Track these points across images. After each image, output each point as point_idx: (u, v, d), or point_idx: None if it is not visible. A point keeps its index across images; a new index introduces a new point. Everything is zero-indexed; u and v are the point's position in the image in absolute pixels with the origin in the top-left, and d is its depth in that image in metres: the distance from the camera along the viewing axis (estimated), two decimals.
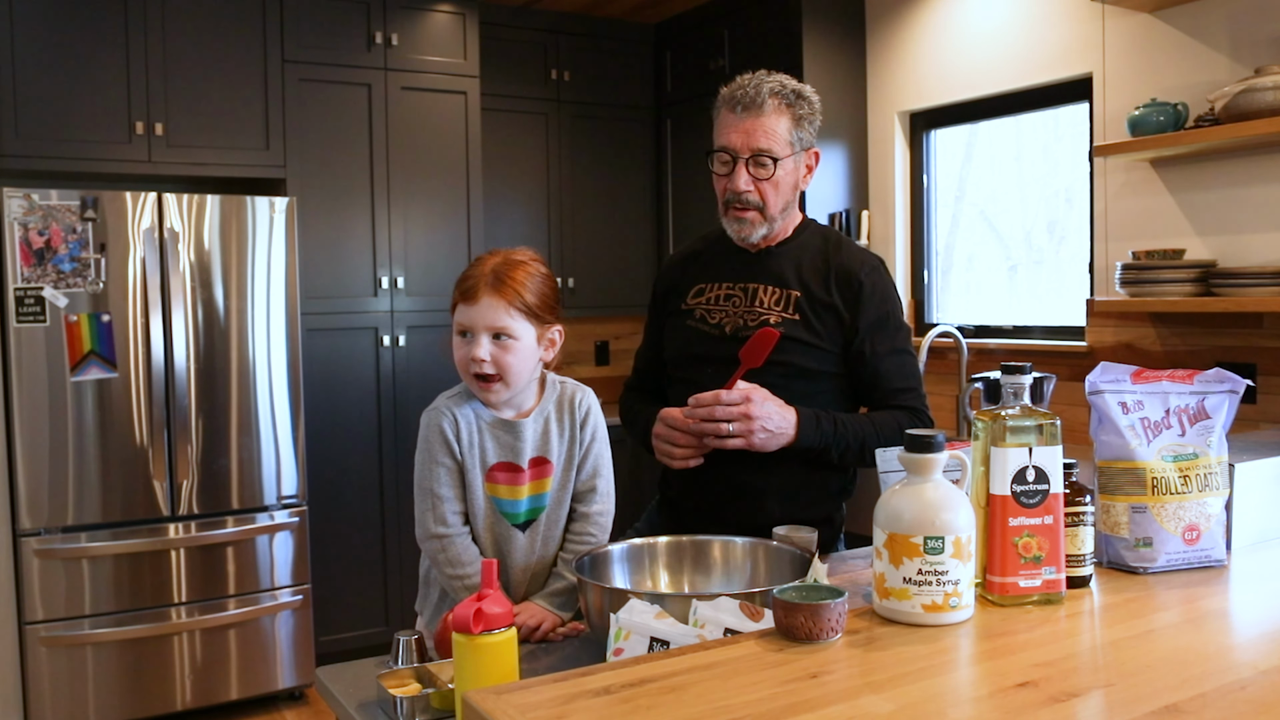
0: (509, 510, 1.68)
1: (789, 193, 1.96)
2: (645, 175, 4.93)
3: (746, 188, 1.90)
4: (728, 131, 1.91)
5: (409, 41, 4.13)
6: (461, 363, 1.62)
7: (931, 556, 1.25)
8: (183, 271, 3.55)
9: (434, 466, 1.65)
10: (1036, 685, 1.08)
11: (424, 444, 1.67)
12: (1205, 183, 3.07)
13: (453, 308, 1.64)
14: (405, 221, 4.15)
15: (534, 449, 1.68)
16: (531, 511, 1.69)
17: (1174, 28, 3.13)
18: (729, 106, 1.92)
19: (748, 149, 1.89)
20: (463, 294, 1.61)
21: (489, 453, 1.67)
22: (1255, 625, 1.32)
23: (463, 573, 1.62)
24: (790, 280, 1.95)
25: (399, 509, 4.17)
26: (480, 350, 1.58)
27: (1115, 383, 1.53)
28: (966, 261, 4.07)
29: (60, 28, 3.54)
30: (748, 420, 1.78)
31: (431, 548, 1.64)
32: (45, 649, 3.37)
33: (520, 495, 1.68)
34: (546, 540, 1.70)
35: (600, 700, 1.04)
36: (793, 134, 1.92)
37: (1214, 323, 3.04)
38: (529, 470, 1.68)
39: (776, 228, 1.96)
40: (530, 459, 1.68)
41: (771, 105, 1.89)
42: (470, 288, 1.60)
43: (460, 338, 1.62)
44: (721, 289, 2.00)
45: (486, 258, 1.64)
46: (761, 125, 1.88)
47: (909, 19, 4.03)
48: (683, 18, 4.72)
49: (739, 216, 1.93)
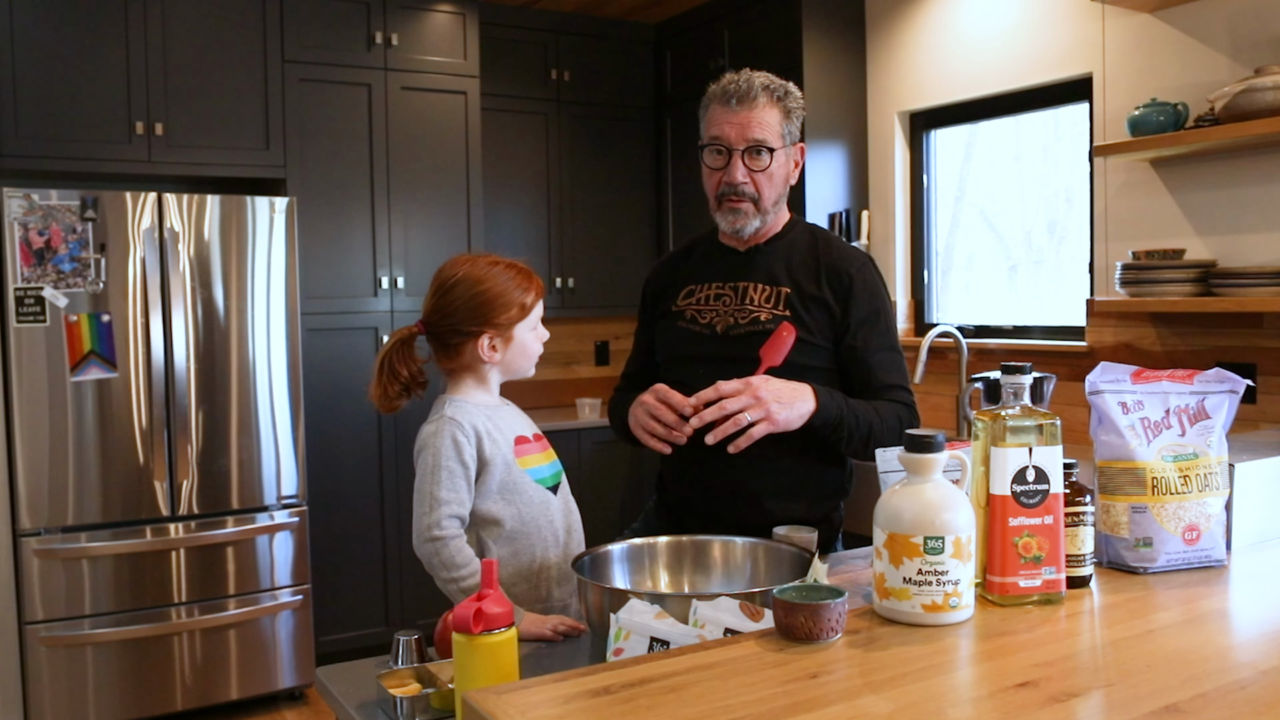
0: (543, 476, 1.76)
1: (781, 186, 1.96)
2: (645, 175, 4.94)
3: (743, 179, 1.91)
4: (720, 124, 1.91)
5: (409, 41, 4.13)
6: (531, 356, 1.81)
7: (931, 556, 1.25)
8: (183, 271, 3.55)
9: (438, 471, 1.66)
10: (1036, 685, 1.08)
11: (428, 453, 1.68)
12: (1205, 183, 3.07)
13: (524, 310, 1.76)
14: (405, 221, 4.15)
15: (526, 428, 1.82)
16: (555, 475, 1.80)
17: (1174, 28, 3.13)
18: (721, 101, 1.92)
19: (743, 140, 1.90)
20: (540, 289, 1.80)
21: (506, 430, 1.75)
22: (1255, 625, 1.32)
23: (459, 575, 1.64)
24: (780, 277, 1.95)
25: (399, 509, 4.17)
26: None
27: (1115, 383, 1.53)
28: (966, 261, 4.07)
29: (60, 28, 3.54)
30: (759, 402, 1.76)
31: (426, 551, 1.65)
32: (45, 649, 3.37)
33: (547, 459, 1.79)
34: (570, 498, 1.83)
35: (600, 700, 1.04)
36: (783, 127, 1.93)
37: (1214, 323, 3.04)
38: (534, 440, 1.80)
39: (769, 221, 1.97)
40: (533, 433, 1.81)
41: (764, 98, 1.90)
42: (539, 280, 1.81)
43: (534, 331, 1.80)
44: (711, 289, 2.00)
45: (500, 260, 1.78)
46: (755, 117, 1.89)
47: (909, 19, 4.03)
48: (683, 18, 4.72)
49: (734, 208, 1.93)
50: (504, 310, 1.72)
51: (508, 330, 1.74)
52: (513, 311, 1.73)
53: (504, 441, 1.72)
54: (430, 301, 1.75)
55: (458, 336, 1.73)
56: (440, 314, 1.73)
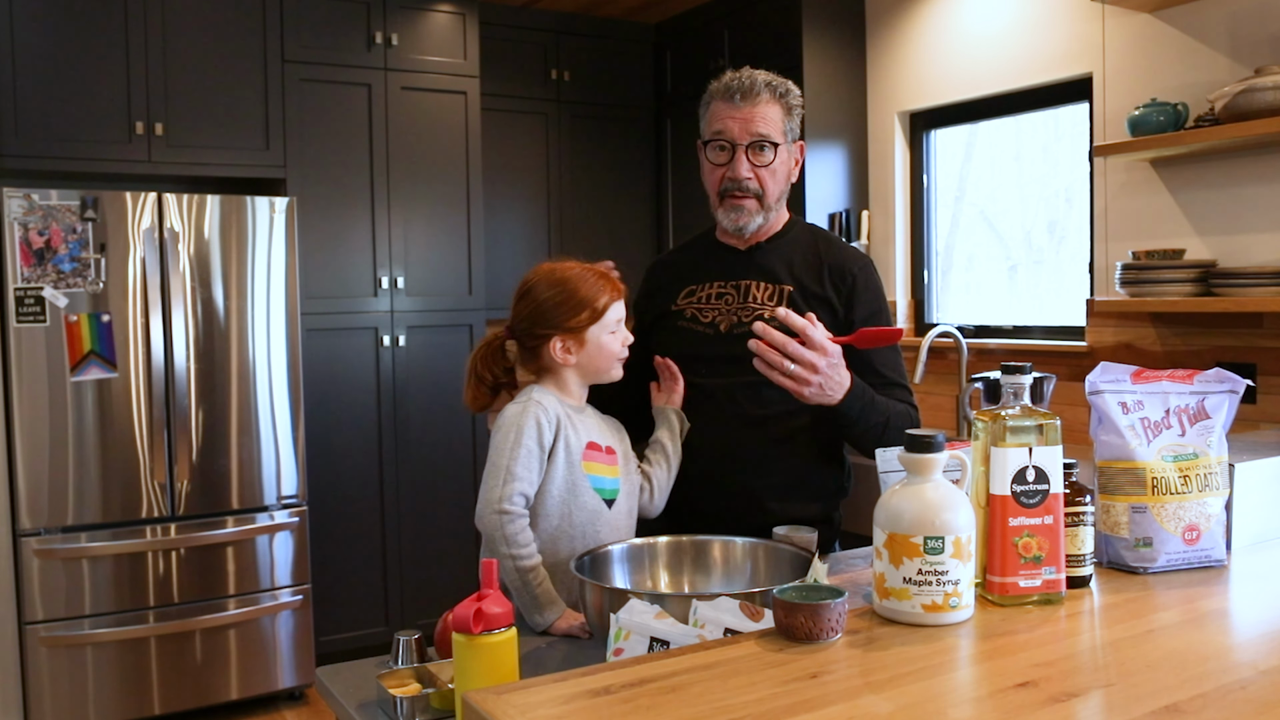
0: (603, 486, 1.77)
1: (784, 182, 1.96)
2: (645, 175, 4.93)
3: (748, 175, 1.90)
4: (724, 119, 1.91)
5: (409, 41, 4.13)
6: (610, 358, 1.81)
7: (931, 556, 1.25)
8: (183, 271, 3.55)
9: (517, 448, 1.68)
10: (1036, 685, 1.08)
11: (510, 429, 1.70)
12: (1205, 183, 3.07)
13: (596, 313, 1.76)
14: (405, 221, 4.15)
15: (601, 437, 1.82)
16: (614, 490, 1.79)
17: (1174, 28, 3.13)
18: (723, 97, 1.92)
19: (747, 135, 1.90)
20: (617, 290, 1.79)
21: (579, 433, 1.76)
22: (1255, 625, 1.32)
23: (519, 553, 1.64)
24: (782, 275, 1.95)
25: (399, 509, 4.17)
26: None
27: (1115, 383, 1.53)
28: (966, 261, 4.07)
29: (60, 28, 3.54)
30: (812, 370, 1.72)
31: (492, 523, 1.65)
32: (45, 649, 3.37)
33: (611, 473, 1.79)
34: (631, 518, 1.83)
35: (600, 700, 1.04)
36: (785, 123, 1.93)
37: (1214, 323, 3.04)
38: (605, 452, 1.80)
39: (771, 219, 1.97)
40: (606, 445, 1.81)
41: (767, 94, 1.90)
42: (616, 283, 1.80)
43: (612, 334, 1.79)
44: (713, 288, 2.00)
45: (579, 263, 1.81)
46: (758, 113, 1.89)
47: (909, 19, 4.03)
48: (683, 18, 4.72)
49: (737, 204, 1.93)
50: (574, 314, 1.75)
51: (580, 333, 1.76)
52: (584, 315, 1.75)
53: (576, 442, 1.74)
54: (511, 306, 1.81)
55: (534, 340, 1.77)
56: (518, 318, 1.78)
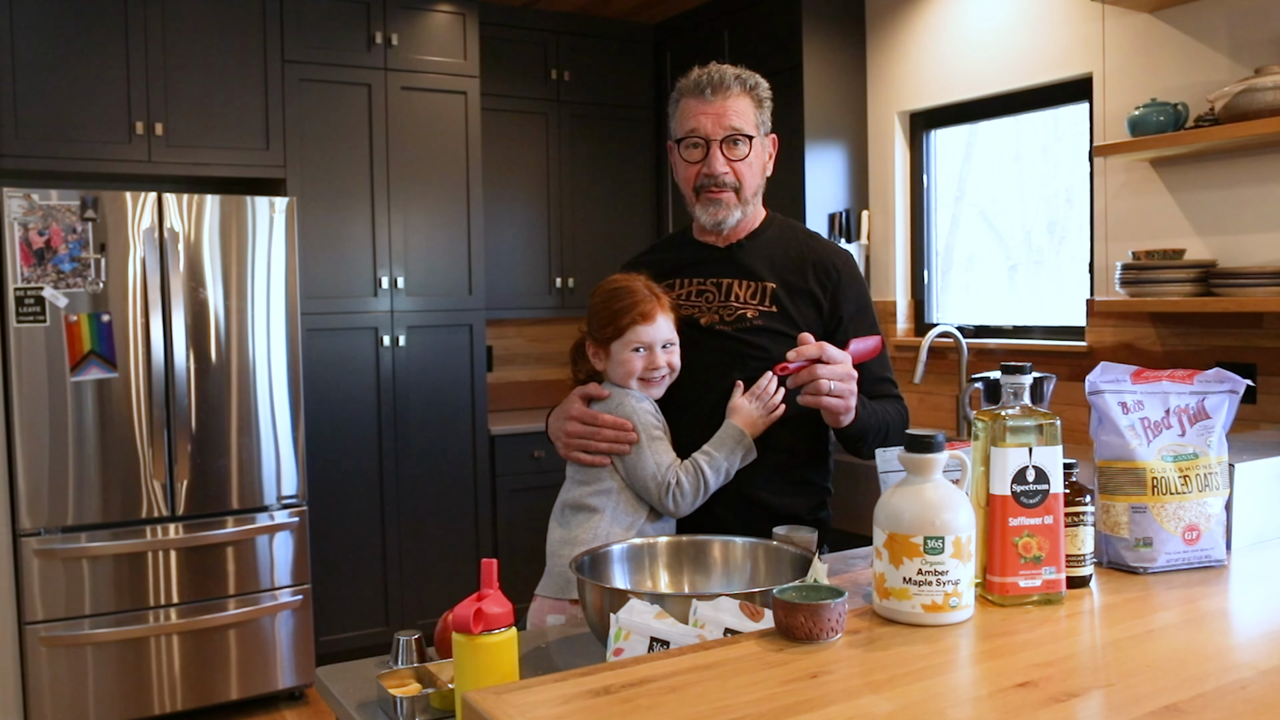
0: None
1: (759, 175, 1.96)
2: (645, 175, 4.93)
3: (724, 169, 1.90)
4: (696, 116, 1.90)
5: (409, 41, 4.13)
6: (644, 371, 1.87)
7: (931, 556, 1.25)
8: (183, 271, 3.55)
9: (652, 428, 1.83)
10: (1036, 685, 1.08)
11: (636, 415, 1.83)
12: (1205, 183, 3.07)
13: (618, 330, 1.84)
14: (405, 221, 4.15)
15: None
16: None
17: (1174, 28, 3.13)
18: (693, 94, 1.91)
19: (720, 129, 1.89)
20: (643, 315, 1.84)
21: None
22: (1255, 625, 1.32)
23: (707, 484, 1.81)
24: (764, 273, 1.95)
25: (399, 509, 4.17)
26: (664, 358, 1.87)
27: (1115, 383, 1.53)
28: (966, 261, 4.07)
29: (60, 28, 3.54)
30: (849, 381, 1.75)
31: (672, 476, 1.80)
32: (45, 649, 3.37)
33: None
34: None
35: (600, 700, 1.04)
36: (757, 116, 1.93)
37: (1214, 323, 3.04)
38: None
39: (749, 213, 1.96)
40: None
41: (736, 87, 1.90)
42: (649, 309, 1.85)
43: (634, 353, 1.85)
44: (694, 284, 1.99)
45: (633, 281, 1.88)
46: (730, 106, 1.89)
47: (909, 19, 4.03)
48: (683, 18, 4.72)
49: (714, 199, 1.91)
50: (601, 326, 1.87)
51: (605, 344, 1.87)
52: (608, 329, 1.85)
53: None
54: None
55: (586, 339, 1.93)
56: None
